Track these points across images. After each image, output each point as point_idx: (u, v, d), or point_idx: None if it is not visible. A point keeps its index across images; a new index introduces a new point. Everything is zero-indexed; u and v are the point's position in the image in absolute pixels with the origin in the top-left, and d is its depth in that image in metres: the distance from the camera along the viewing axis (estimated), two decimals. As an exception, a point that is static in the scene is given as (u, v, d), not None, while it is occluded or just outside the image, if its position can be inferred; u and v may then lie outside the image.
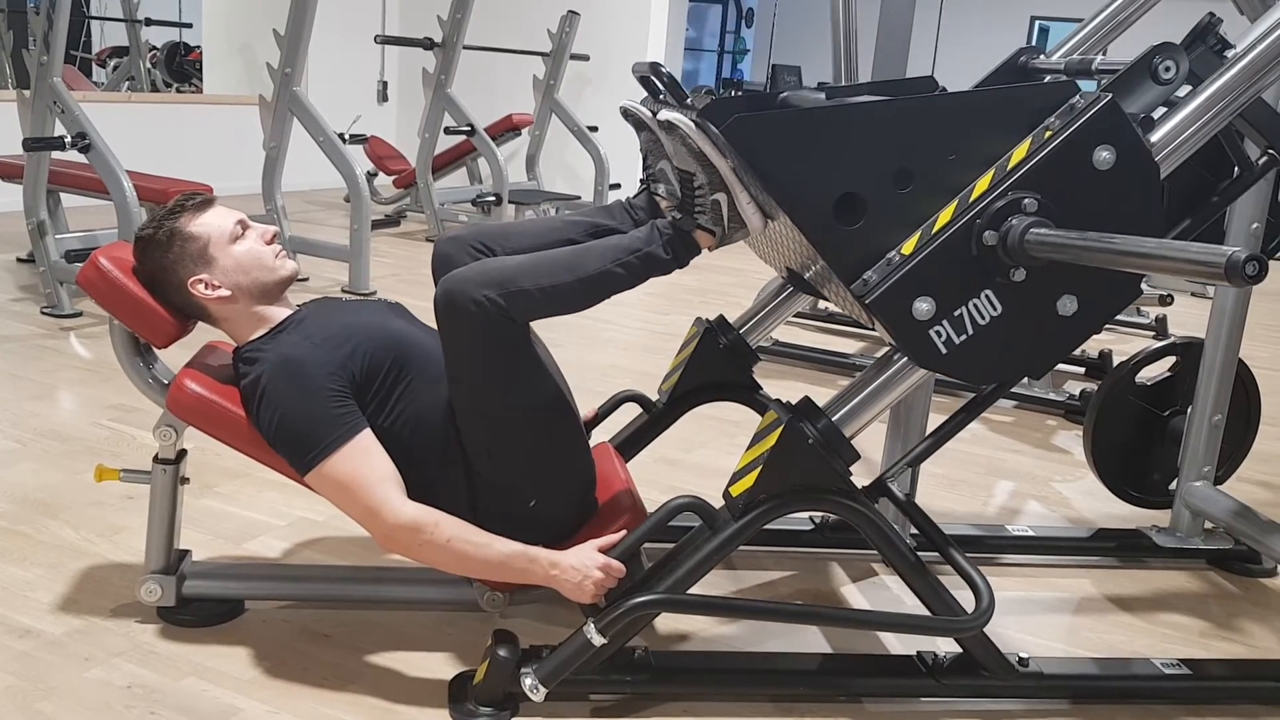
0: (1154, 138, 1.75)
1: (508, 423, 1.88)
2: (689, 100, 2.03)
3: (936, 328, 1.73)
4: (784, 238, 1.94)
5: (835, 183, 1.69)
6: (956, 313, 1.73)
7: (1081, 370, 4.34)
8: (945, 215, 1.72)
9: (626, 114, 2.01)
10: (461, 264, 1.92)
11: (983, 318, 1.74)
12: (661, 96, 2.11)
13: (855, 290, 1.72)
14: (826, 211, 1.70)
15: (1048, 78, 2.20)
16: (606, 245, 1.91)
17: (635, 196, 2.16)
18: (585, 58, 7.69)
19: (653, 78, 2.08)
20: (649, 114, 1.94)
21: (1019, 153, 1.72)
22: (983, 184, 1.72)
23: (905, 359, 1.82)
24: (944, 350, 1.74)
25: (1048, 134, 1.71)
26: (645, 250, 1.88)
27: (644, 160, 2.10)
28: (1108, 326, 5.15)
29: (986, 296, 1.73)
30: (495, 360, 1.84)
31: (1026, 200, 1.69)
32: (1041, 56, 2.32)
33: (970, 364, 1.76)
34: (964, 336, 1.74)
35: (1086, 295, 1.77)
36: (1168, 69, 1.74)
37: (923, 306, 1.71)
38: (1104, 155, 1.71)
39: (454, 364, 1.86)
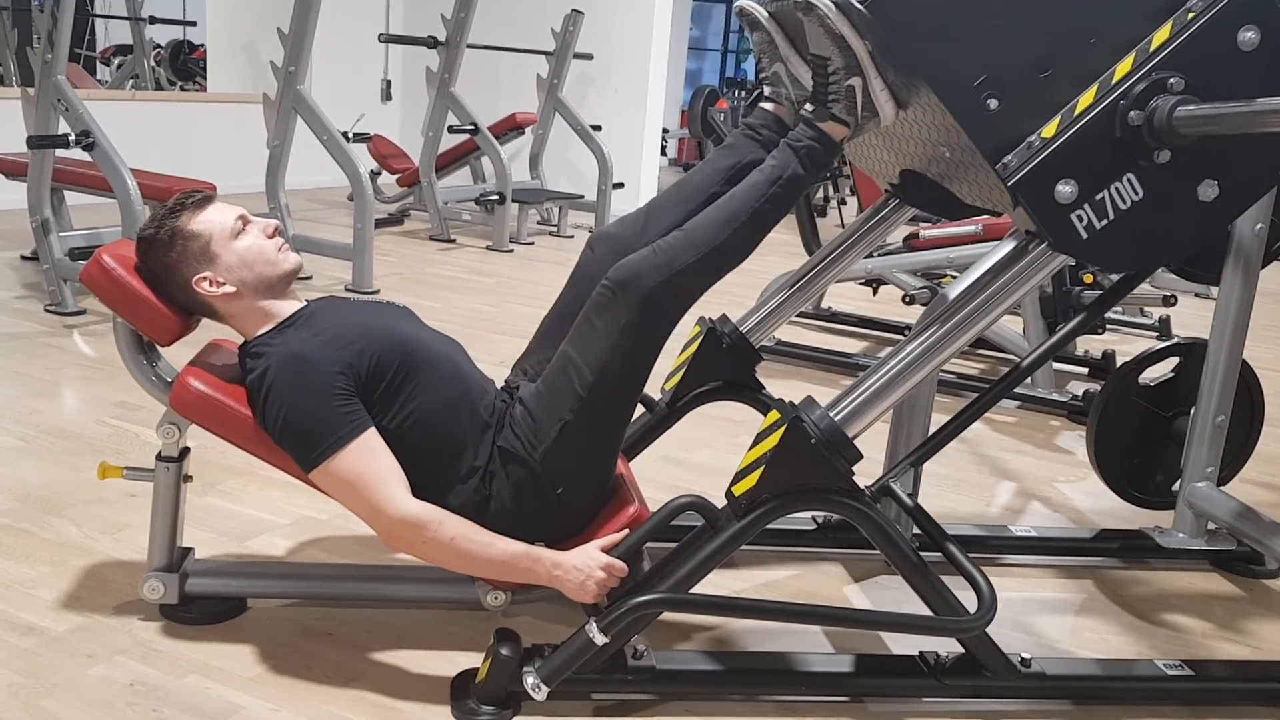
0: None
1: (603, 403, 1.90)
2: None
3: (1078, 211, 1.71)
4: (910, 129, 1.93)
5: (977, 64, 1.69)
6: (1099, 196, 1.71)
7: (1084, 371, 4.34)
8: (1086, 98, 1.71)
9: (742, 13, 2.01)
10: (623, 255, 1.95)
11: (1124, 201, 1.72)
12: None
13: (998, 172, 1.70)
14: (968, 91, 1.69)
15: None
16: (749, 186, 1.96)
17: (747, 114, 2.16)
18: (589, 57, 7.69)
19: None
20: (764, 11, 1.93)
21: (1161, 35, 1.71)
22: (1124, 66, 1.70)
23: (907, 356, 1.82)
24: (1085, 235, 1.72)
25: (1190, 15, 1.70)
26: (785, 175, 1.93)
27: (757, 63, 2.10)
28: (1111, 327, 5.15)
29: (1129, 180, 1.72)
30: (635, 346, 1.89)
31: (1172, 79, 1.68)
32: None
33: (1110, 249, 1.75)
34: (1105, 221, 1.72)
35: (1227, 180, 1.75)
36: None
37: (1065, 190, 1.70)
38: (1248, 35, 1.69)
39: (588, 339, 1.89)
